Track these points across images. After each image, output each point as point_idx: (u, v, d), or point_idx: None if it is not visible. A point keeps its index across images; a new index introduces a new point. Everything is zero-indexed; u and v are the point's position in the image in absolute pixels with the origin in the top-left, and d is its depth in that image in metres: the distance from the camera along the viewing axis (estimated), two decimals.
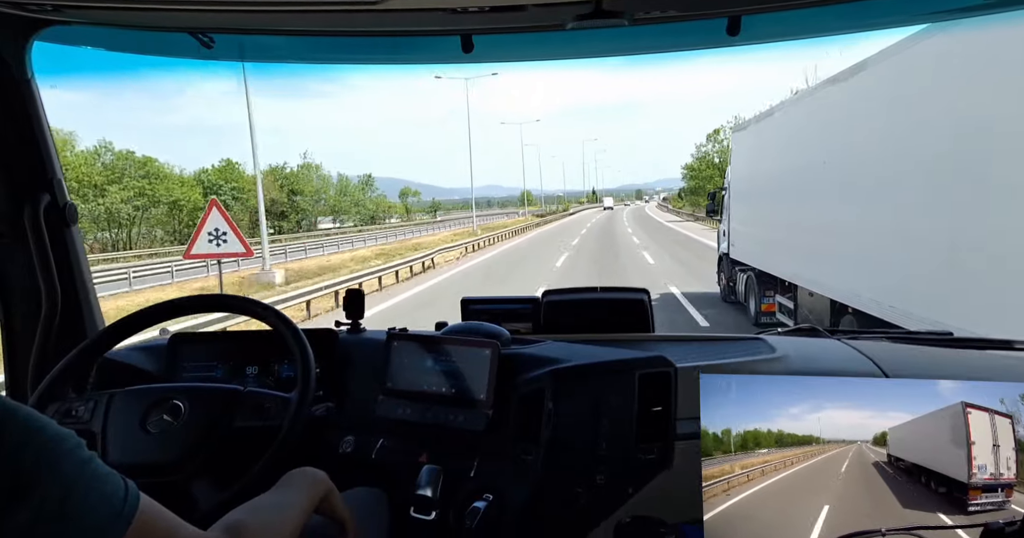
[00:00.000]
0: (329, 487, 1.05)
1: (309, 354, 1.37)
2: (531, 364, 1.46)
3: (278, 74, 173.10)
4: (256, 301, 1.48)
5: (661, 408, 1.35)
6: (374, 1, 1.14)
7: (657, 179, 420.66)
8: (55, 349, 1.54)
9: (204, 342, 1.75)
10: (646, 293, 1.93)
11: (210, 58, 1.64)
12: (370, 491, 1.43)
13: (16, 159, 1.52)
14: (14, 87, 1.49)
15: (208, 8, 1.25)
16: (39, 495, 0.63)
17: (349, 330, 1.75)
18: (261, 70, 24.56)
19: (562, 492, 1.34)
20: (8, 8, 1.28)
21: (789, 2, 1.31)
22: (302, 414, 1.31)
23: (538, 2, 1.20)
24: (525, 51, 1.74)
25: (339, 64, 1.85)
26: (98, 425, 1.29)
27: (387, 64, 1.80)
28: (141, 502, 0.72)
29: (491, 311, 1.94)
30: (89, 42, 1.62)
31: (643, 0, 1.24)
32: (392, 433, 1.50)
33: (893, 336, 1.78)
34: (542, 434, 1.35)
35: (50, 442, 0.67)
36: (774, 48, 14.13)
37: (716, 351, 1.66)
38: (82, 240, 1.69)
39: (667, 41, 1.65)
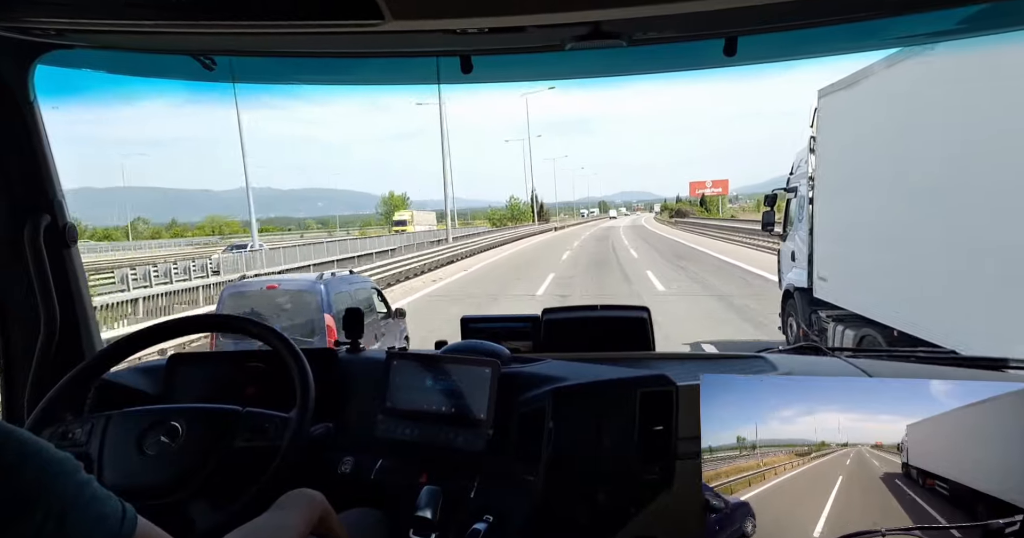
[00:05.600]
0: (326, 508, 1.05)
1: (308, 374, 1.36)
2: (531, 383, 1.45)
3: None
4: (256, 321, 1.48)
5: (662, 427, 1.34)
6: (375, 23, 1.16)
7: (616, 192, 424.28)
8: (53, 370, 1.54)
9: (203, 363, 1.74)
10: (646, 311, 1.93)
11: (212, 80, 1.65)
12: (368, 512, 1.42)
13: (17, 180, 1.53)
14: (17, 110, 1.50)
15: (210, 31, 1.26)
16: (38, 518, 0.63)
17: (348, 350, 1.74)
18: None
19: (563, 513, 1.33)
20: (12, 33, 1.30)
21: (785, 23, 1.33)
22: (301, 435, 1.30)
23: (537, 23, 1.21)
24: (524, 71, 1.76)
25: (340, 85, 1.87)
26: (95, 448, 1.28)
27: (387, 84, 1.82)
28: (139, 524, 0.72)
29: (491, 330, 1.93)
30: (91, 65, 1.64)
31: (641, 21, 1.25)
32: (391, 453, 1.49)
33: (895, 355, 1.78)
34: (543, 454, 1.34)
35: (48, 465, 0.67)
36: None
37: (717, 369, 1.65)
38: (81, 261, 1.69)
39: (665, 61, 1.67)
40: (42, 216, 1.54)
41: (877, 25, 1.35)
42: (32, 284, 1.53)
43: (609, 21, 1.23)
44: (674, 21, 1.26)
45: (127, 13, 1.14)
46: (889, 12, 1.28)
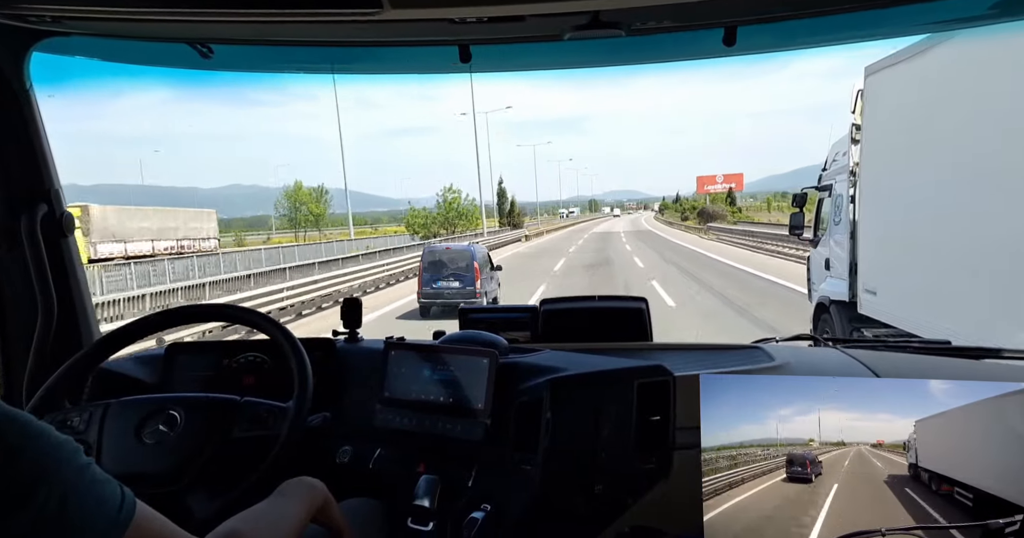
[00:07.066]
0: (326, 497, 1.05)
1: (306, 364, 1.36)
2: (529, 373, 1.46)
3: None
4: (254, 311, 1.48)
5: (660, 417, 1.35)
6: (373, 12, 1.15)
7: (606, 191, 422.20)
8: (51, 359, 1.54)
9: (201, 352, 1.74)
10: (644, 301, 1.93)
11: (209, 68, 1.65)
12: (367, 501, 1.43)
13: (14, 169, 1.52)
14: (13, 98, 1.49)
15: (207, 19, 1.25)
16: (39, 500, 0.64)
17: (347, 339, 1.74)
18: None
19: (560, 502, 1.33)
20: (7, 20, 1.29)
21: (784, 13, 1.32)
22: (299, 424, 1.30)
23: (536, 13, 1.21)
24: (522, 61, 1.75)
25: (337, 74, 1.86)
26: (93, 435, 1.28)
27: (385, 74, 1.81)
28: (137, 509, 0.72)
29: (489, 320, 1.94)
30: (88, 53, 1.63)
31: (640, 11, 1.25)
32: (390, 443, 1.49)
33: (891, 345, 1.79)
34: (540, 444, 1.35)
35: (48, 448, 0.67)
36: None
37: (715, 360, 1.65)
38: (78, 250, 1.68)
39: (664, 51, 1.66)
40: (39, 205, 1.54)
41: (877, 15, 1.34)
42: (29, 273, 1.53)
43: (608, 11, 1.23)
44: (673, 10, 1.26)
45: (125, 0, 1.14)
46: (888, 2, 1.27)
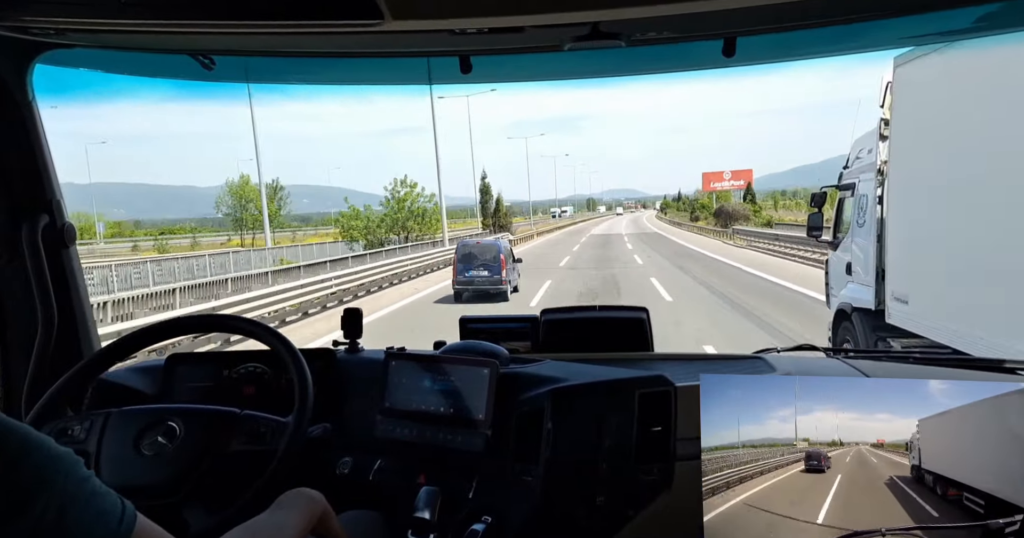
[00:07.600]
0: (325, 508, 1.04)
1: (307, 376, 1.36)
2: (530, 383, 1.45)
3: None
4: (255, 321, 1.48)
5: (661, 428, 1.34)
6: (374, 23, 1.16)
7: (604, 190, 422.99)
8: (51, 370, 1.53)
9: (201, 362, 1.73)
10: (645, 311, 1.92)
11: (211, 79, 1.65)
12: (367, 513, 1.42)
13: (16, 180, 1.52)
14: (15, 109, 1.50)
15: (209, 30, 1.26)
16: (38, 511, 0.63)
17: (347, 350, 1.74)
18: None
19: (562, 514, 1.32)
20: (10, 32, 1.30)
21: (784, 24, 1.33)
22: (298, 439, 1.30)
23: (536, 24, 1.21)
24: (523, 72, 1.76)
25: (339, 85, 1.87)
26: (93, 445, 1.28)
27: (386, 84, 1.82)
28: (138, 522, 0.71)
29: (489, 330, 1.93)
30: (90, 65, 1.64)
31: (640, 22, 1.25)
32: (390, 454, 1.49)
33: (893, 356, 1.78)
34: (541, 455, 1.34)
35: (48, 460, 0.67)
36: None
37: (716, 370, 1.65)
38: (79, 261, 1.68)
39: (663, 62, 1.67)
40: (40, 216, 1.54)
41: (876, 25, 1.35)
42: (30, 283, 1.53)
43: (608, 22, 1.23)
44: (673, 22, 1.26)
45: (126, 12, 1.14)
46: (889, 13, 1.28)
